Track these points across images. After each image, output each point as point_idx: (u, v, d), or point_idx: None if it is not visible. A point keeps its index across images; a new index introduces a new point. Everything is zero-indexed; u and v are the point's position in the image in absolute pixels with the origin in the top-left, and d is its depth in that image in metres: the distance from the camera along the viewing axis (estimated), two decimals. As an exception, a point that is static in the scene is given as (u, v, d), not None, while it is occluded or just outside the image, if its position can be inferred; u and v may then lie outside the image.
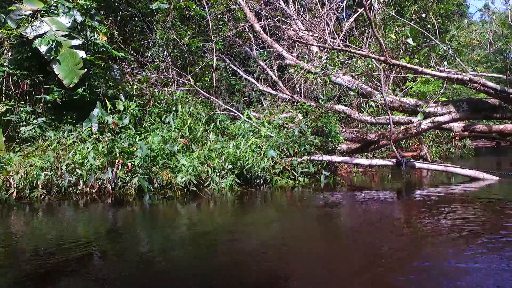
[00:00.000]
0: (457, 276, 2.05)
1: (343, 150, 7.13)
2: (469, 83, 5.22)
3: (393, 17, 8.36)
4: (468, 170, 6.02)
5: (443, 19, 12.18)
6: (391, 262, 2.31)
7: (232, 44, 9.50)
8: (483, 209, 3.88)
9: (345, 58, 6.74)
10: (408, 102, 6.43)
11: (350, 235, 3.13)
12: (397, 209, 4.26)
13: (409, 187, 6.03)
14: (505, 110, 5.47)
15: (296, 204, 4.64)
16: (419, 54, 5.44)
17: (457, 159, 10.80)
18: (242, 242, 2.87)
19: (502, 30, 14.43)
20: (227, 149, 5.64)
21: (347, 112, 7.41)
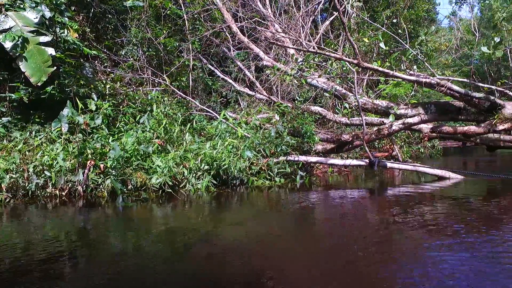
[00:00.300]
0: (426, 264, 2.22)
1: (318, 151, 7.27)
2: (436, 86, 5.47)
3: (367, 21, 8.61)
4: (435, 170, 6.31)
5: (414, 25, 12.69)
6: (366, 256, 2.40)
7: (209, 44, 9.44)
8: (448, 206, 4.11)
9: (320, 60, 6.87)
10: (380, 104, 6.65)
11: (325, 233, 3.20)
12: (370, 207, 4.39)
13: (382, 186, 6.23)
14: (469, 113, 5.77)
15: (272, 204, 4.67)
16: (390, 58, 5.64)
17: (427, 158, 11.28)
18: (218, 242, 2.86)
19: (466, 37, 15.21)
20: (204, 149, 5.60)
21: (323, 113, 7.56)
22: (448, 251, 2.44)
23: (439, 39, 14.17)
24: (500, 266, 2.15)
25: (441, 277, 1.99)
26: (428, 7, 13.56)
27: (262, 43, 9.10)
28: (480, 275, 2.02)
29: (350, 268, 2.24)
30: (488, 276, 2.00)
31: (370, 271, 2.17)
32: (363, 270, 2.19)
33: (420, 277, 2.03)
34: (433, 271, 2.09)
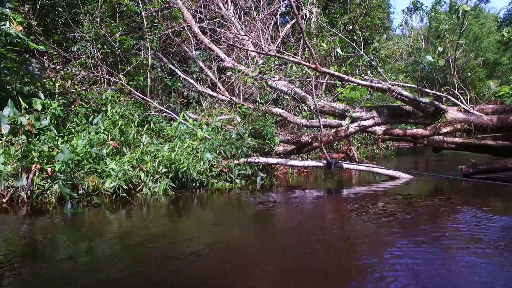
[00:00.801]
0: (378, 256, 2.40)
1: (279, 152, 7.38)
2: (387, 91, 5.78)
3: (325, 27, 8.89)
4: (387, 170, 6.67)
5: (370, 31, 13.35)
6: (325, 255, 2.47)
7: (169, 43, 9.21)
8: (397, 203, 4.35)
9: (280, 63, 6.98)
10: (337, 107, 6.89)
11: (284, 233, 3.24)
12: (327, 206, 4.53)
13: (339, 186, 6.46)
14: (417, 116, 6.18)
15: (232, 206, 4.66)
16: (346, 63, 5.86)
17: (382, 159, 11.88)
18: (175, 247, 2.79)
19: (416, 45, 16.30)
20: (162, 152, 5.45)
21: (284, 115, 7.68)
22: (396, 242, 2.77)
23: (393, 46, 15.02)
24: (439, 254, 2.34)
25: (390, 264, 2.18)
26: (383, 15, 14.33)
27: (224, 44, 9.06)
28: (421, 263, 2.20)
29: (308, 261, 2.32)
30: (428, 263, 2.21)
31: (327, 260, 2.26)
32: (320, 262, 2.26)
33: (373, 264, 2.15)
34: (384, 258, 2.28)
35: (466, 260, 2.36)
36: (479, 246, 2.62)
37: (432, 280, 2.04)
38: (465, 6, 5.26)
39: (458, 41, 5.74)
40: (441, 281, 2.03)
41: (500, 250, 2.53)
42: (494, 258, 2.37)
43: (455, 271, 2.17)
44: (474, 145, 6.71)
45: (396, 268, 2.24)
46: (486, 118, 5.46)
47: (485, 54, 23.80)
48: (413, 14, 16.20)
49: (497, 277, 2.07)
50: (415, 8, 14.94)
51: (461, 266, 2.26)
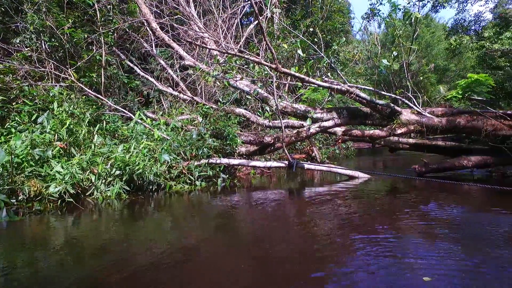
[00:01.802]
0: (340, 253, 2.40)
1: (242, 153, 7.28)
2: (346, 93, 5.90)
3: (288, 29, 8.95)
4: (347, 170, 6.83)
5: (331, 35, 13.71)
6: (289, 259, 2.39)
7: (126, 38, 8.76)
8: (355, 202, 4.42)
9: (242, 63, 6.88)
10: (299, 108, 6.93)
11: (246, 237, 3.13)
12: (289, 206, 4.50)
13: (301, 186, 6.48)
14: (374, 118, 6.38)
15: (192, 209, 4.46)
16: (306, 64, 5.90)
17: (343, 159, 12.23)
18: (130, 257, 2.57)
19: (374, 49, 17.02)
20: (115, 153, 5.12)
21: (246, 116, 7.60)
22: (353, 238, 2.85)
23: (353, 50, 15.57)
24: (390, 248, 2.37)
25: (349, 257, 2.17)
26: (343, 19, 14.79)
27: (184, 42, 8.79)
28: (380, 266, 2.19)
29: (268, 271, 2.22)
30: (380, 257, 2.21)
31: (291, 272, 2.17)
32: (284, 268, 2.17)
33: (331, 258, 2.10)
34: (342, 252, 2.25)
35: (418, 248, 2.42)
36: (433, 239, 2.71)
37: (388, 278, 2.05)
38: (417, 13, 5.52)
39: (411, 46, 6.02)
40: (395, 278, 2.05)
41: (450, 242, 2.63)
42: (446, 250, 2.45)
43: (409, 262, 2.21)
44: (426, 145, 7.08)
45: (356, 265, 2.23)
46: (436, 120, 5.76)
47: (436, 60, 25.53)
48: (371, 20, 16.92)
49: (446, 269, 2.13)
50: (373, 14, 15.61)
51: (413, 256, 2.31)
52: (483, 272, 2.15)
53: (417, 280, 2.06)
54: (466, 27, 17.68)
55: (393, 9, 9.35)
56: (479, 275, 2.11)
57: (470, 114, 5.69)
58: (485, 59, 15.19)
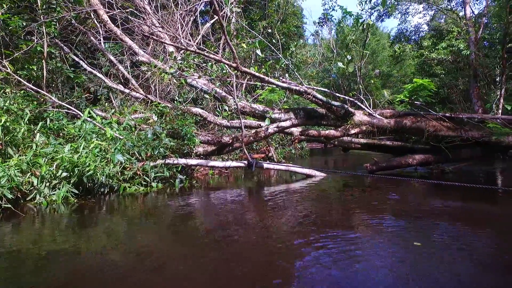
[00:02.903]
0: (297, 248, 2.37)
1: (199, 153, 7.12)
2: (304, 94, 6.05)
3: (246, 28, 8.96)
4: (304, 169, 7.01)
5: (286, 37, 14.01)
6: (248, 260, 2.33)
7: (72, 30, 8.10)
8: (313, 199, 4.54)
9: (200, 61, 6.74)
10: (257, 108, 6.96)
11: (204, 237, 3.04)
12: (248, 206, 4.47)
13: (259, 185, 6.51)
14: (330, 118, 6.63)
15: (147, 211, 4.24)
16: (265, 65, 5.95)
17: (298, 159, 12.55)
18: (77, 266, 2.34)
19: (326, 54, 17.80)
20: (62, 153, 4.69)
21: (204, 115, 7.44)
22: (311, 235, 2.90)
23: (306, 53, 16.08)
24: (346, 243, 2.46)
25: (307, 255, 2.19)
26: (298, 23, 15.21)
27: (138, 36, 8.37)
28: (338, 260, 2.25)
29: (227, 273, 2.16)
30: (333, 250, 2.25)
31: (251, 265, 2.13)
32: (243, 270, 2.13)
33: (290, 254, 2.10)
34: (300, 251, 2.34)
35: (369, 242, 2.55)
36: (382, 230, 2.87)
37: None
38: (369, 20, 5.85)
39: (363, 51, 6.37)
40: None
41: (398, 231, 2.81)
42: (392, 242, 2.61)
43: (362, 256, 2.31)
44: (376, 145, 7.53)
45: (313, 261, 2.27)
46: (386, 121, 6.15)
47: (381, 66, 27.40)
48: (324, 25, 17.63)
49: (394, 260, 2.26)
50: (326, 19, 16.27)
51: (367, 247, 2.42)
52: (424, 254, 2.33)
53: (368, 270, 2.15)
54: (407, 36, 19.23)
55: (344, 16, 9.89)
56: (421, 257, 2.29)
57: (415, 116, 6.17)
58: (424, 66, 16.64)
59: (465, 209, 3.95)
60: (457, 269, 2.17)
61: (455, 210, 3.89)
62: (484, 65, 12.99)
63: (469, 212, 3.82)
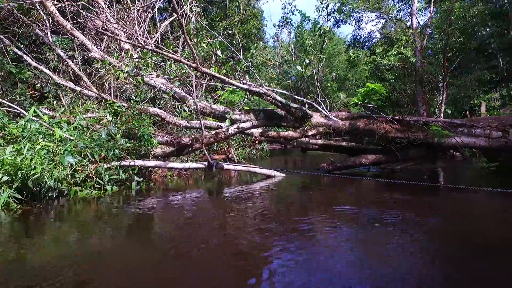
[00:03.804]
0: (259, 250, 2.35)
1: (158, 154, 6.91)
2: (264, 96, 6.14)
3: (206, 28, 8.87)
4: (264, 170, 7.11)
5: (246, 39, 14.10)
6: (209, 267, 2.31)
7: (14, 21, 7.44)
8: (272, 199, 4.63)
9: (158, 60, 6.55)
10: (218, 108, 6.93)
11: (163, 242, 2.95)
12: (208, 207, 4.43)
13: (219, 186, 6.48)
14: (289, 120, 6.79)
15: (101, 216, 4.02)
16: (226, 66, 5.94)
17: (258, 159, 12.67)
18: (20, 280, 2.16)
19: (286, 56, 18.20)
20: (2, 155, 4.29)
21: (162, 115, 7.23)
22: (271, 235, 2.92)
23: (267, 55, 16.31)
24: (304, 240, 2.55)
25: (269, 255, 2.22)
26: (258, 25, 15.37)
27: (91, 32, 7.92)
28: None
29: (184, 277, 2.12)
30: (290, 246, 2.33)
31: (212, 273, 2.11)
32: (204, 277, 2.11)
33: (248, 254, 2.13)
34: (262, 253, 2.29)
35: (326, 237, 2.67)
36: (339, 225, 3.01)
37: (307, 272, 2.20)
38: (326, 26, 6.09)
39: (321, 56, 6.62)
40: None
41: (354, 227, 2.97)
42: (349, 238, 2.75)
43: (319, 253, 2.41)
44: (332, 146, 7.85)
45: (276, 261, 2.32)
46: (341, 123, 6.44)
47: (337, 70, 28.59)
48: (284, 28, 18.01)
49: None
50: (286, 22, 16.64)
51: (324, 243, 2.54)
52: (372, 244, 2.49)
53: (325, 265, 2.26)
54: (361, 42, 20.32)
55: (303, 20, 10.21)
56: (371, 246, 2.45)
57: (368, 118, 6.53)
58: (376, 71, 17.72)
59: (410, 201, 4.26)
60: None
61: (402, 202, 4.18)
62: (428, 72, 14.12)
63: (414, 203, 4.12)
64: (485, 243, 2.68)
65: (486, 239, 2.76)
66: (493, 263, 2.26)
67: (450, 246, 2.66)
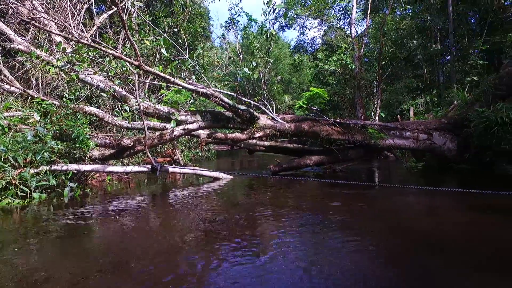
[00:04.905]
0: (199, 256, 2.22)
1: (95, 157, 6.40)
2: (211, 97, 6.03)
3: (149, 24, 8.45)
4: (211, 172, 6.99)
5: (192, 38, 13.78)
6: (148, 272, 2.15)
7: None
8: (219, 202, 4.55)
9: (96, 56, 6.06)
10: (162, 109, 6.64)
11: (96, 255, 2.70)
12: (151, 213, 4.19)
13: (164, 190, 6.21)
14: (236, 122, 6.76)
15: (24, 229, 3.56)
16: (171, 65, 5.71)
17: (204, 161, 12.46)
18: None
19: (233, 58, 18.19)
20: None
21: (100, 115, 6.71)
22: (218, 239, 2.81)
23: (213, 56, 16.13)
24: (250, 243, 2.54)
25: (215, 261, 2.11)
26: (204, 24, 15.12)
27: (14, 20, 7.04)
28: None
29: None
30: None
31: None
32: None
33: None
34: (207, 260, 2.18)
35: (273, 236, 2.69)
36: (285, 226, 3.06)
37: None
38: (272, 30, 6.20)
39: (267, 59, 6.71)
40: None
41: (300, 227, 3.04)
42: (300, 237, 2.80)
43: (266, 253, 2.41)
44: (279, 147, 8.01)
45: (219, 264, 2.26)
46: (287, 125, 6.60)
47: (282, 73, 29.45)
48: (230, 29, 17.98)
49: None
50: (233, 23, 16.62)
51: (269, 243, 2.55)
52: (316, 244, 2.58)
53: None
54: (305, 48, 21.15)
55: (249, 22, 10.27)
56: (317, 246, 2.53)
57: (312, 121, 6.78)
58: (319, 76, 18.57)
59: (350, 200, 4.50)
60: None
61: (343, 202, 4.40)
62: (365, 78, 15.20)
63: (353, 203, 4.37)
64: (418, 238, 2.92)
65: (419, 235, 3.01)
66: (424, 258, 2.46)
67: (387, 243, 2.85)
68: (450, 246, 2.67)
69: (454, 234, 3.01)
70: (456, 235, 2.99)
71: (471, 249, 2.61)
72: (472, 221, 3.43)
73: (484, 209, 3.80)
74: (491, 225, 3.24)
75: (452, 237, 2.93)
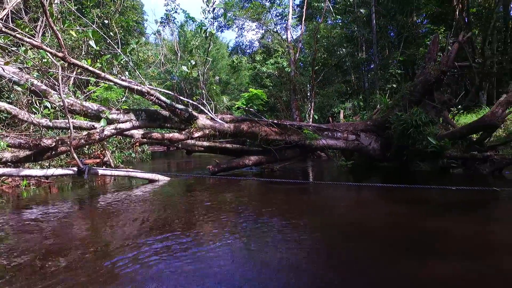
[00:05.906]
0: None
1: (7, 159, 5.59)
2: (147, 95, 5.72)
3: (74, 13, 7.68)
4: (146, 174, 6.64)
5: (124, 32, 12.93)
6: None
7: None
8: (155, 205, 4.33)
9: (8, 44, 5.31)
10: (90, 106, 6.08)
11: (5, 276, 2.35)
12: (75, 222, 3.78)
13: (92, 195, 5.70)
14: (174, 121, 6.52)
15: None
16: (101, 59, 5.27)
17: (138, 163, 11.80)
18: None
19: (169, 55, 17.56)
20: None
21: (13, 112, 5.87)
22: (156, 242, 2.73)
23: (148, 52, 15.35)
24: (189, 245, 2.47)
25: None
26: (138, 18, 14.31)
27: None
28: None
29: None
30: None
31: None
32: None
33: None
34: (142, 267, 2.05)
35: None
36: (222, 227, 3.04)
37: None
38: (212, 29, 6.12)
39: (207, 58, 6.60)
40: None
41: (238, 227, 3.05)
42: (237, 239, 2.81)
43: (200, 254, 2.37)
44: (218, 148, 7.95)
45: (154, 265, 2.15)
46: (227, 125, 6.58)
47: (220, 74, 29.36)
48: (166, 26, 17.32)
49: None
50: (169, 20, 16.01)
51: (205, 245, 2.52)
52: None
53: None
54: (243, 49, 21.38)
55: (187, 20, 10.02)
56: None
57: (250, 122, 6.87)
58: (256, 78, 18.92)
59: (287, 198, 4.67)
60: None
61: (280, 199, 4.54)
62: (300, 82, 15.93)
63: (290, 200, 4.54)
64: (351, 230, 3.14)
65: (351, 228, 3.24)
66: (357, 247, 2.66)
67: (323, 237, 3.02)
68: (374, 233, 3.01)
69: (377, 223, 3.35)
70: (379, 224, 3.34)
71: (390, 234, 2.99)
72: (391, 212, 3.84)
73: (401, 201, 4.29)
74: (404, 215, 3.68)
75: (376, 225, 3.27)
